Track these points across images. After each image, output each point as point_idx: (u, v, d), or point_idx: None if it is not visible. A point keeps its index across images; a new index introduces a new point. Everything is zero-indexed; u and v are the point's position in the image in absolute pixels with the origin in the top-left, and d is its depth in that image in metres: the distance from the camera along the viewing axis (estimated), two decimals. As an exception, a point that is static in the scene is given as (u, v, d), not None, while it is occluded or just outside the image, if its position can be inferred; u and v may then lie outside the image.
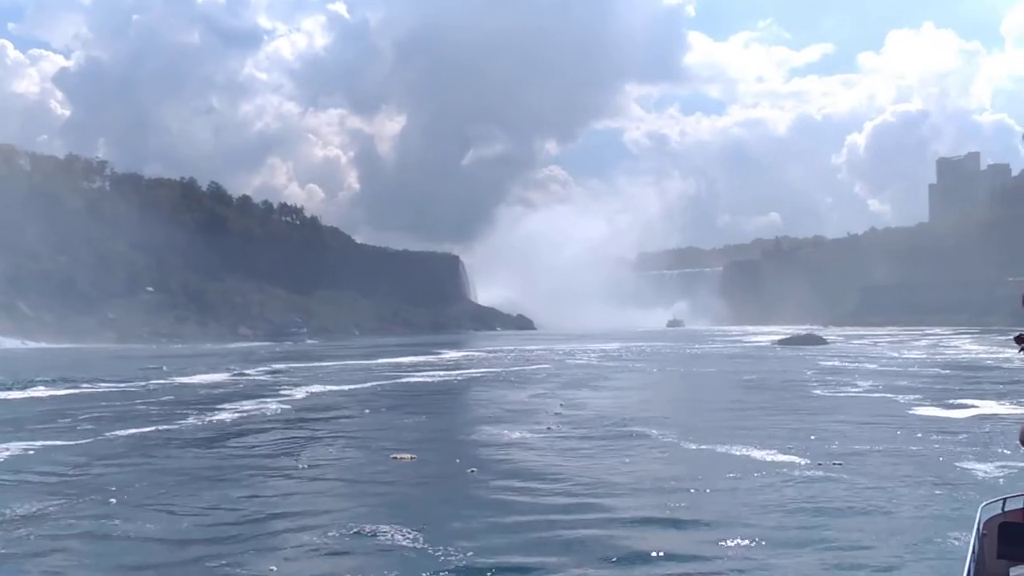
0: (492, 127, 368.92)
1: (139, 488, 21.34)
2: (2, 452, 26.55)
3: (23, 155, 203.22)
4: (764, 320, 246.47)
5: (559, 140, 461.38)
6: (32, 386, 52.82)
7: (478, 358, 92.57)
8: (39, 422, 35.11)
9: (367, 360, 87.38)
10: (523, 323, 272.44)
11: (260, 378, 63.12)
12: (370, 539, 16.43)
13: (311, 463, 25.42)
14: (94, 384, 54.81)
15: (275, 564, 15.05)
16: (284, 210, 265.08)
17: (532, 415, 37.10)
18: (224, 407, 40.59)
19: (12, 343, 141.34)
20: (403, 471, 24.36)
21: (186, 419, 36.11)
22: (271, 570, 14.68)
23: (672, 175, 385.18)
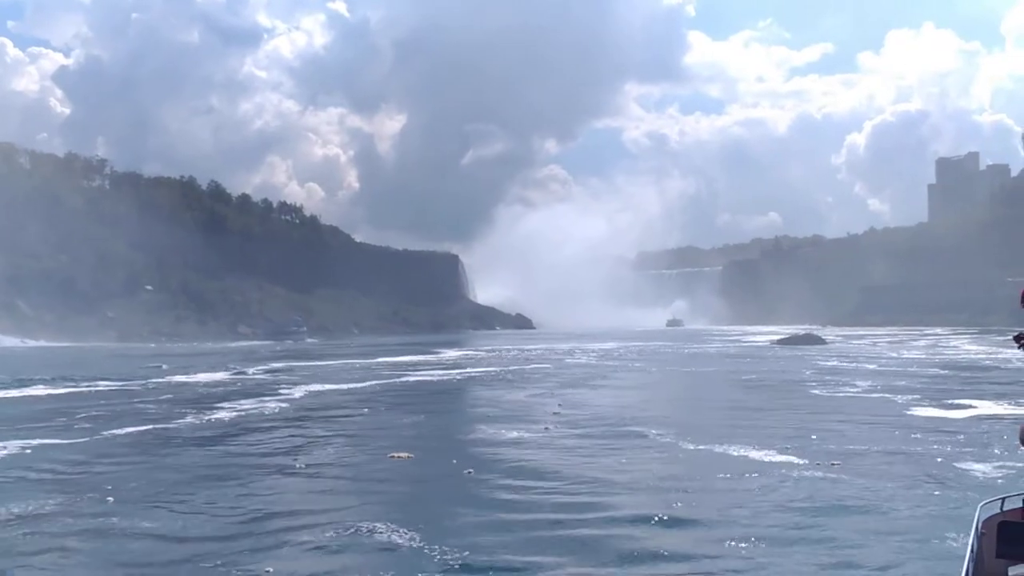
0: (492, 126, 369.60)
1: (136, 487, 21.32)
2: (1, 450, 26.53)
3: (23, 153, 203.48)
4: (763, 320, 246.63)
5: (559, 139, 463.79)
6: (31, 384, 52.83)
7: (477, 357, 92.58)
8: (38, 420, 35.07)
9: (366, 359, 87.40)
10: (522, 322, 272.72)
11: (259, 377, 63.12)
12: (367, 538, 16.41)
13: (309, 462, 25.40)
14: (93, 383, 54.82)
15: (271, 563, 15.02)
16: (284, 209, 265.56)
17: (530, 415, 37.09)
18: (223, 406, 40.59)
19: (12, 342, 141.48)
20: (401, 470, 24.34)
21: (184, 418, 36.09)
22: (267, 571, 14.64)
23: (672, 174, 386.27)
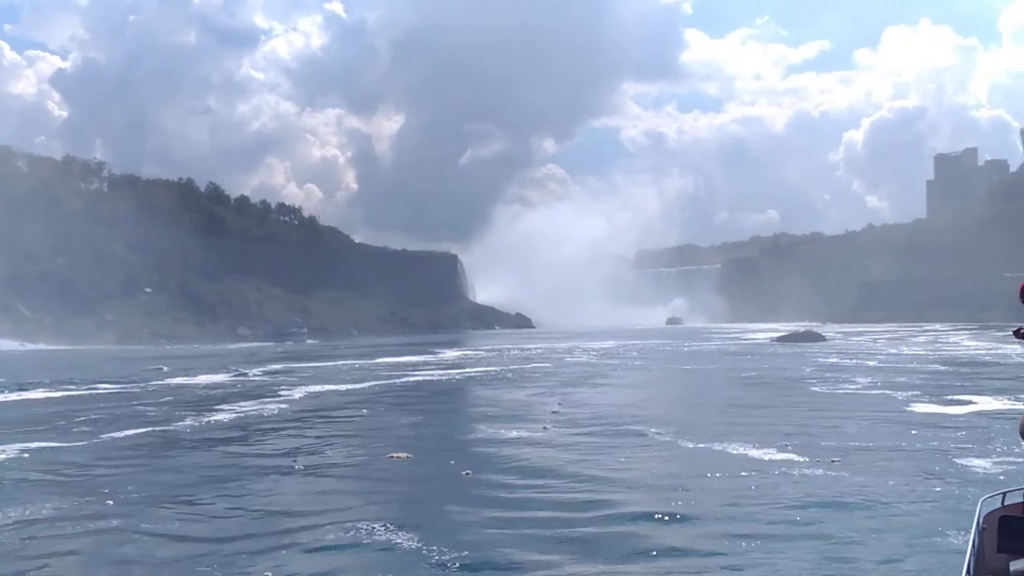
0: (490, 126, 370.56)
1: (135, 489, 21.24)
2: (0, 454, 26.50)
3: (21, 157, 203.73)
4: (763, 317, 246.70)
5: (557, 138, 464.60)
6: (31, 388, 52.77)
7: (476, 357, 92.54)
8: (37, 423, 35.01)
9: (365, 360, 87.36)
10: (522, 322, 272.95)
11: (259, 378, 63.06)
12: (366, 538, 16.35)
13: (307, 463, 25.34)
14: (92, 386, 54.75)
15: (270, 564, 14.97)
16: (282, 210, 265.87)
17: (530, 414, 37.02)
18: (222, 408, 40.54)
19: (11, 345, 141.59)
20: (400, 470, 24.29)
21: (184, 420, 36.03)
22: (266, 573, 14.58)
23: (670, 173, 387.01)
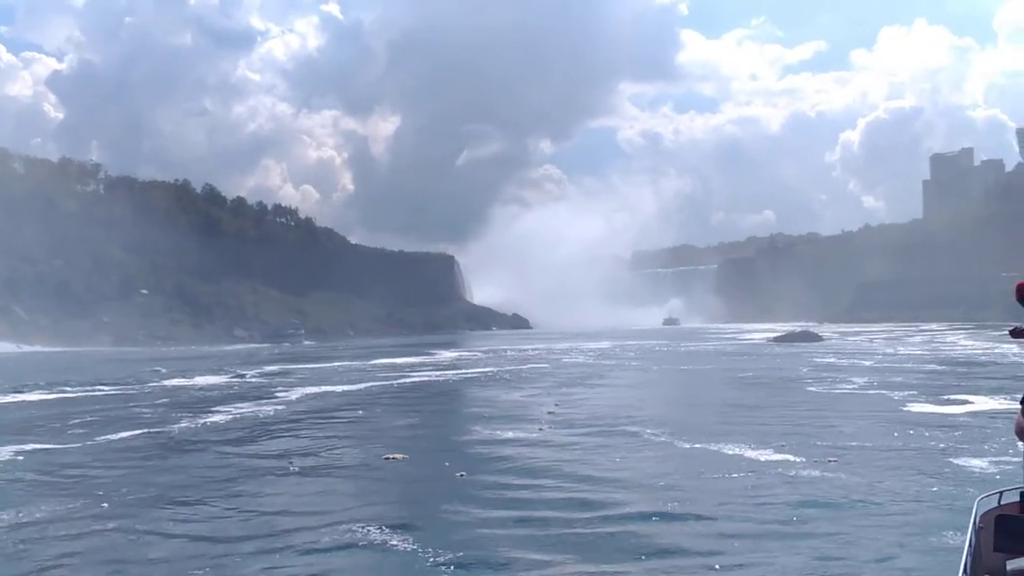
0: (486, 127, 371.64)
1: (130, 491, 21.17)
2: (-7, 456, 26.41)
3: (16, 158, 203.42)
4: (760, 317, 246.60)
5: (553, 139, 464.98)
6: (27, 390, 52.64)
7: (473, 358, 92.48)
8: (32, 426, 34.95)
9: (362, 361, 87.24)
10: (519, 322, 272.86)
11: (255, 380, 62.95)
12: (361, 539, 16.31)
13: (303, 464, 25.29)
14: (88, 388, 54.63)
15: (264, 564, 14.94)
16: (278, 211, 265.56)
17: (526, 415, 36.96)
18: (218, 409, 40.45)
19: (7, 347, 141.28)
20: (395, 471, 24.25)
21: (180, 422, 35.95)
22: (260, 573, 14.54)
23: (667, 173, 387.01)
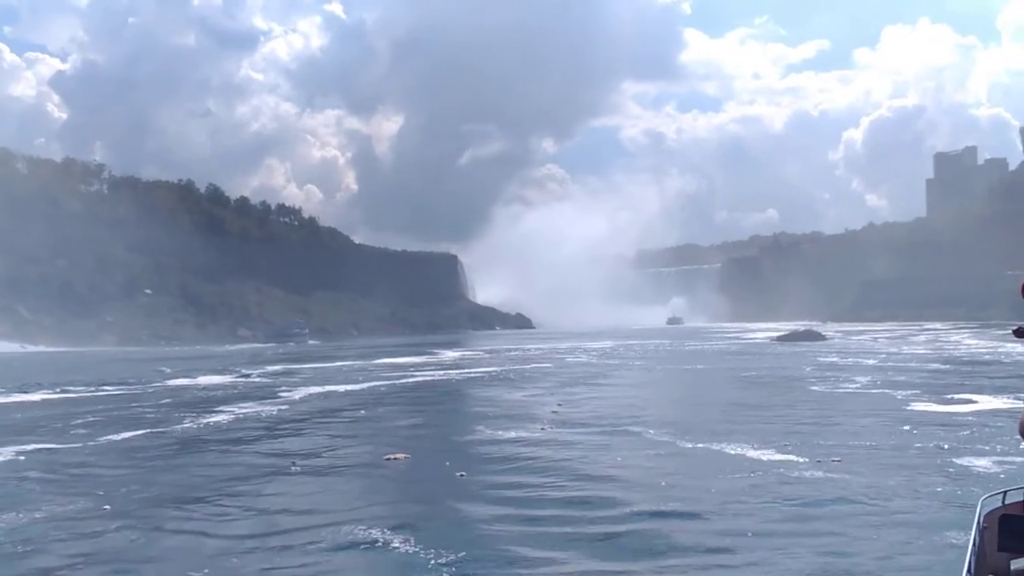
0: (489, 126, 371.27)
1: (130, 492, 21.18)
2: (-5, 457, 26.42)
3: (20, 159, 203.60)
4: (763, 316, 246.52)
5: (556, 138, 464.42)
6: (31, 390, 52.72)
7: (476, 358, 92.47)
8: (35, 426, 35.03)
9: (365, 361, 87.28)
10: (522, 322, 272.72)
11: (259, 380, 63.00)
12: (362, 539, 16.28)
13: (305, 464, 25.26)
14: (92, 388, 54.66)
15: (263, 565, 14.92)
16: (282, 211, 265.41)
17: (528, 415, 36.91)
18: (221, 409, 40.47)
19: (11, 347, 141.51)
20: (397, 471, 24.24)
21: (183, 422, 35.97)
22: (261, 572, 14.52)
23: (670, 172, 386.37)
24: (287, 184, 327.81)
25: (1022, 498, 8.48)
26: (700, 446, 26.53)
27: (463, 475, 22.65)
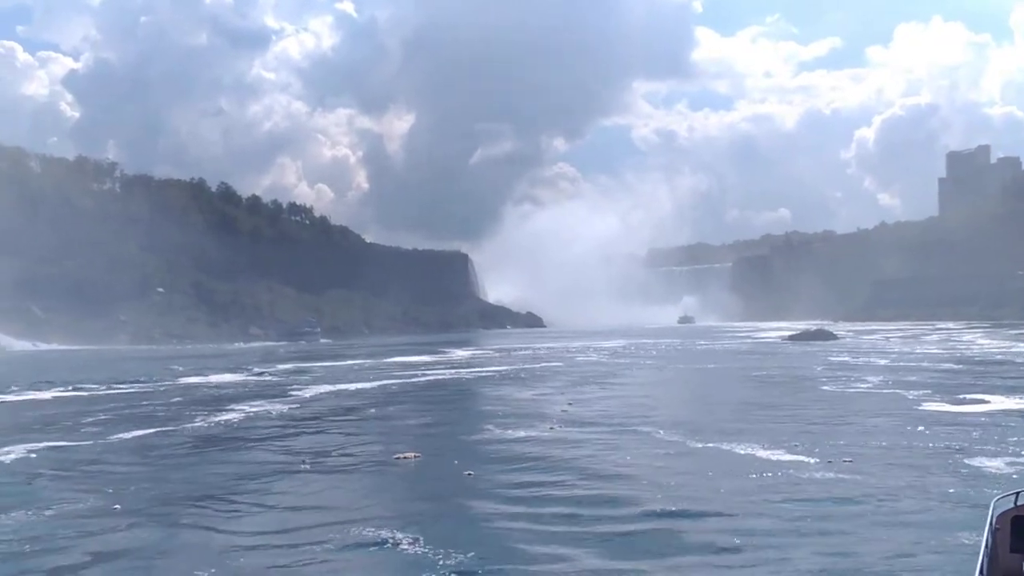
0: (500, 125, 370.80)
1: (141, 488, 21.30)
2: (7, 455, 26.51)
3: (33, 157, 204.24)
4: (775, 315, 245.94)
5: (567, 137, 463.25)
6: (44, 388, 52.97)
7: (486, 356, 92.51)
8: (47, 423, 35.24)
9: (376, 359, 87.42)
10: (533, 321, 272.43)
11: (270, 378, 63.15)
12: (370, 538, 16.29)
13: (314, 463, 25.30)
14: (104, 386, 54.86)
15: (272, 562, 14.94)
16: (293, 210, 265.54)
17: (538, 414, 36.85)
18: (233, 407, 40.55)
19: (24, 345, 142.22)
20: (406, 470, 24.25)
21: (193, 420, 36.06)
22: (269, 570, 14.54)
23: (681, 171, 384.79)
24: (298, 183, 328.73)
25: (1034, 499, 8.44)
26: (710, 446, 26.47)
27: (470, 474, 22.64)
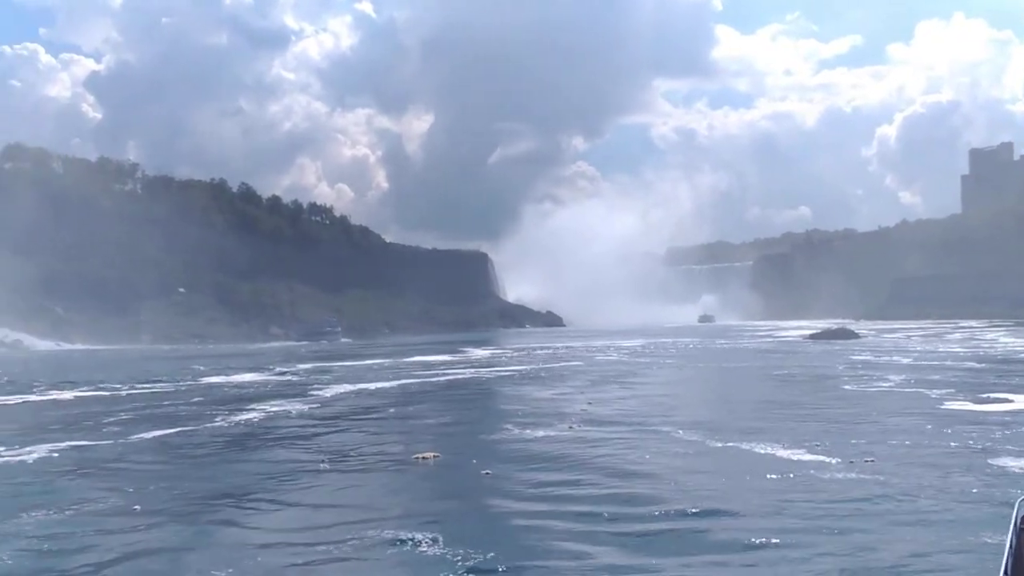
0: (519, 124, 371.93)
1: (160, 488, 21.37)
2: (30, 454, 26.72)
3: (56, 158, 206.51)
4: (795, 314, 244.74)
5: (586, 136, 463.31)
6: (65, 388, 53.36)
7: (506, 356, 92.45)
8: (69, 423, 35.46)
9: (397, 359, 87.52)
10: (552, 320, 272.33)
11: (291, 377, 63.34)
12: (390, 538, 16.27)
13: (333, 462, 25.31)
14: (125, 385, 55.18)
15: (290, 562, 14.95)
16: (314, 210, 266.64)
17: (558, 413, 36.72)
18: (253, 407, 40.64)
19: (47, 345, 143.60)
20: (425, 470, 24.24)
21: (214, 420, 36.16)
22: (287, 571, 14.55)
23: (701, 169, 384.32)
24: (318, 183, 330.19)
25: (1059, 500, 8.32)
26: (730, 445, 26.32)
27: (488, 473, 22.61)
